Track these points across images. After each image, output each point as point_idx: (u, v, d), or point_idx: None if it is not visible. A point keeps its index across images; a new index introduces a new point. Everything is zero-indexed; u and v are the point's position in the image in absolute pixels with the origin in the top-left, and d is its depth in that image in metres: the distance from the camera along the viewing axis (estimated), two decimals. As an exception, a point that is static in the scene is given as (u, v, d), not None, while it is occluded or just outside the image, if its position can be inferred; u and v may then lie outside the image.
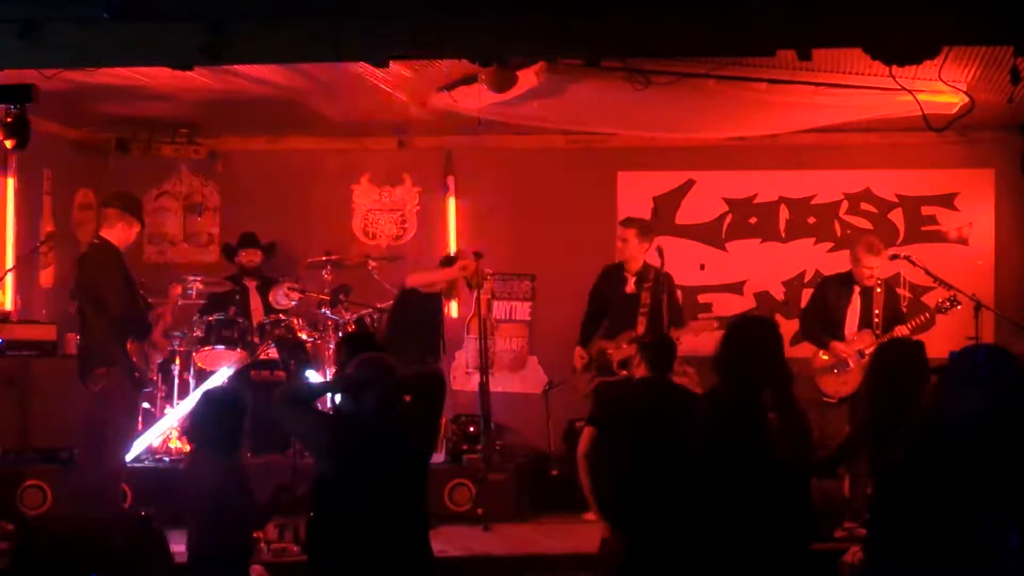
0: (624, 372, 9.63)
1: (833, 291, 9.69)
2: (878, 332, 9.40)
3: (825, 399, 9.45)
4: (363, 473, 5.70)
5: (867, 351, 9.22)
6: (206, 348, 10.11)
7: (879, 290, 9.53)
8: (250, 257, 11.10)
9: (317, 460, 5.94)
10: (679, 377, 8.17)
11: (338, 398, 6.17)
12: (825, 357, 9.54)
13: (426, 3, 6.83)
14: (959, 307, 9.60)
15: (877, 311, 9.46)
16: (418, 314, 9.71)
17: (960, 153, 11.20)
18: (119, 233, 8.63)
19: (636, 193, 11.64)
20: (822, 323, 9.61)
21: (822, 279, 10.41)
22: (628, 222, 10.21)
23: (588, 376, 9.90)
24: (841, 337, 9.48)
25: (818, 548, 5.96)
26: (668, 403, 6.82)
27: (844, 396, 9.37)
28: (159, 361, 9.69)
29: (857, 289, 9.54)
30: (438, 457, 9.84)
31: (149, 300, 9.35)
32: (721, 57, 8.36)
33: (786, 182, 11.56)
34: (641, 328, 9.74)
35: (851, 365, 9.35)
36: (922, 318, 9.60)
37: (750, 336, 5.74)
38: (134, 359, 8.49)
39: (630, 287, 9.96)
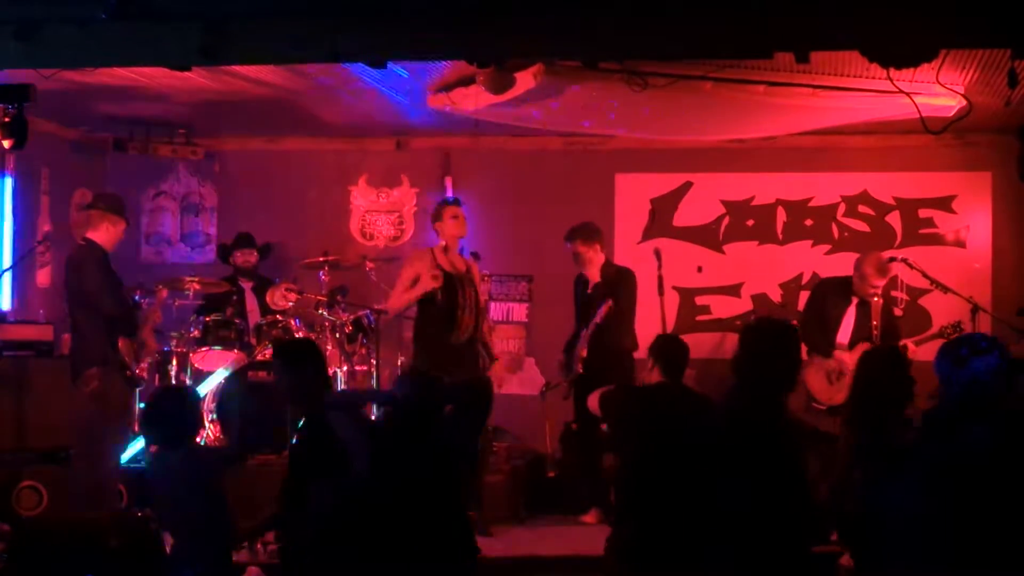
0: (580, 368, 9.57)
1: (831, 297, 9.65)
2: (876, 344, 9.38)
3: (816, 406, 9.42)
4: (399, 479, 5.87)
5: None
6: (203, 349, 10.10)
7: (876, 299, 9.52)
8: (246, 257, 11.11)
9: (358, 465, 6.06)
10: None
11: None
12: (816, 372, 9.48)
13: (424, 4, 6.83)
14: (963, 332, 9.55)
15: (875, 323, 9.44)
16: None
17: (957, 156, 11.22)
18: (104, 233, 8.66)
19: (633, 195, 11.66)
20: (820, 327, 9.58)
21: (820, 281, 10.41)
22: (569, 236, 9.87)
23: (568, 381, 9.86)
24: (832, 344, 9.46)
25: (816, 551, 5.95)
26: (682, 408, 6.71)
27: (836, 405, 9.34)
28: (150, 361, 9.69)
29: (855, 301, 9.51)
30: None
31: (140, 300, 9.34)
32: (719, 59, 8.36)
33: (784, 184, 11.57)
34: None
35: (846, 374, 9.31)
36: (929, 332, 9.56)
37: (768, 339, 5.73)
38: (126, 358, 8.51)
39: (590, 288, 9.89)
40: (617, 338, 9.52)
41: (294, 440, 6.55)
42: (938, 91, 8.47)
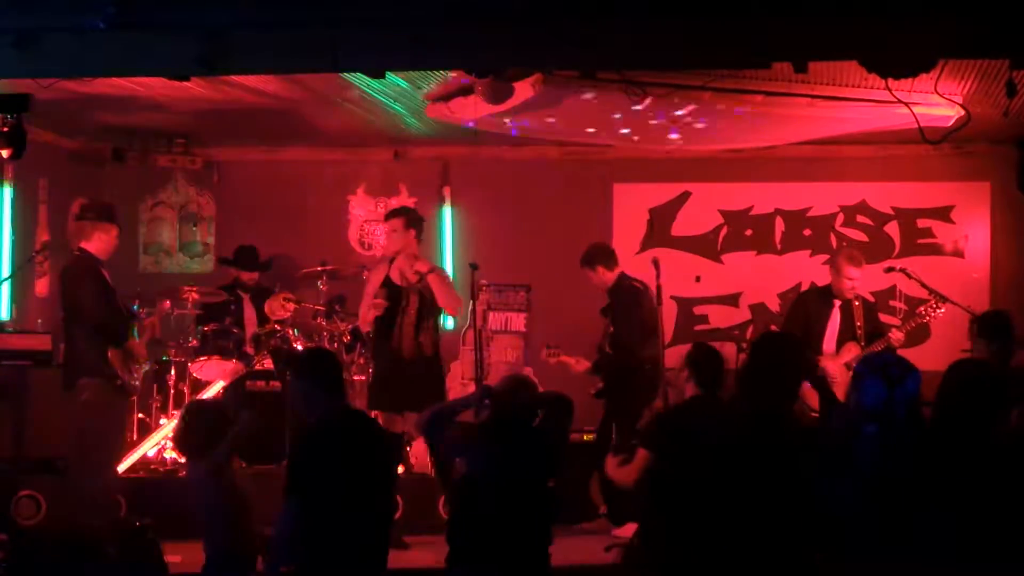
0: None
1: (814, 305, 9.63)
2: (862, 344, 9.37)
3: (813, 415, 9.37)
4: (496, 474, 6.28)
5: (853, 364, 9.20)
6: (201, 358, 10.10)
7: (857, 303, 9.50)
8: (250, 275, 11.11)
9: (459, 463, 6.53)
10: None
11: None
12: None
13: (423, 14, 6.83)
14: (941, 312, 9.50)
15: (859, 323, 9.43)
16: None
17: (956, 166, 11.22)
18: (97, 242, 8.67)
19: (632, 205, 11.66)
20: (803, 337, 9.52)
21: (800, 293, 10.41)
22: (585, 262, 9.93)
23: None
24: (819, 351, 9.44)
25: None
26: (713, 422, 6.61)
27: None
28: (145, 370, 9.70)
29: (837, 304, 9.49)
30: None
31: (137, 311, 9.33)
32: (717, 69, 8.36)
33: (782, 194, 11.58)
34: (606, 345, 9.78)
35: (837, 379, 9.29)
36: (911, 324, 9.53)
37: (777, 352, 5.74)
38: (116, 368, 8.50)
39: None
40: (626, 355, 9.57)
41: (295, 447, 6.66)
42: (936, 101, 8.48)
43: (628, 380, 9.55)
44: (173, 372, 10.19)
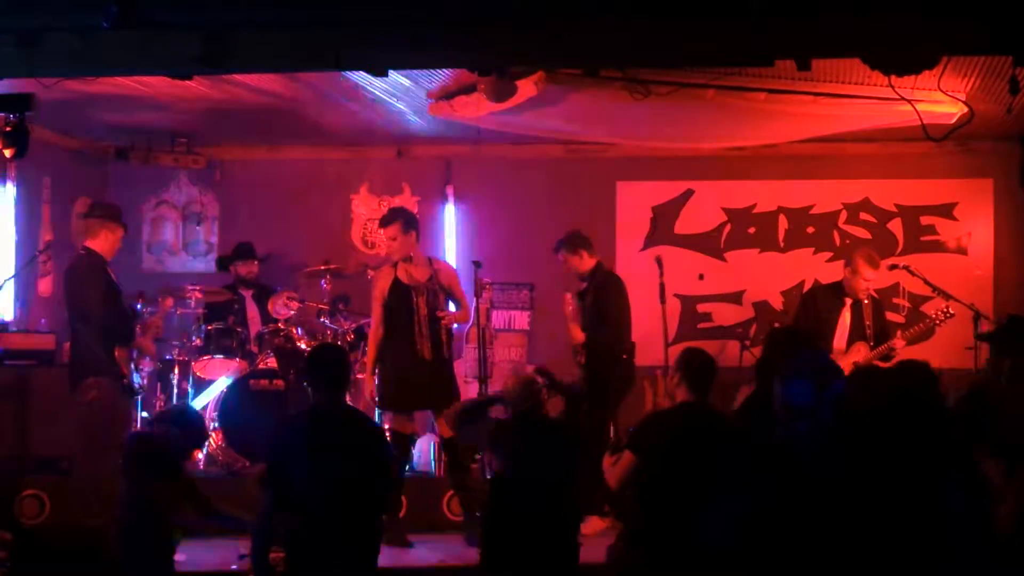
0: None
1: (824, 303, 9.60)
2: (871, 343, 9.35)
3: None
4: (526, 469, 6.49)
5: (861, 363, 9.20)
6: (205, 357, 10.12)
7: (867, 301, 9.49)
8: (249, 268, 11.11)
9: (493, 460, 6.81)
10: None
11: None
12: None
13: (426, 13, 6.83)
14: (953, 317, 9.51)
15: (868, 323, 9.41)
16: None
17: (959, 163, 11.22)
18: (103, 241, 8.67)
19: (635, 202, 11.65)
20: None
21: (809, 290, 10.39)
22: (556, 247, 9.89)
23: None
24: (829, 349, 9.41)
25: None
26: (705, 432, 6.37)
27: None
28: (150, 370, 9.69)
29: (848, 302, 9.46)
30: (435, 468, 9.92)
31: (140, 309, 9.33)
32: (720, 67, 8.36)
33: (785, 192, 11.56)
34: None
35: None
36: (920, 326, 9.53)
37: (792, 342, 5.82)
38: (122, 367, 8.50)
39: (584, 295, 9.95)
40: (614, 335, 9.55)
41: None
42: (940, 98, 8.48)
43: (609, 372, 9.49)
44: (176, 371, 10.19)
